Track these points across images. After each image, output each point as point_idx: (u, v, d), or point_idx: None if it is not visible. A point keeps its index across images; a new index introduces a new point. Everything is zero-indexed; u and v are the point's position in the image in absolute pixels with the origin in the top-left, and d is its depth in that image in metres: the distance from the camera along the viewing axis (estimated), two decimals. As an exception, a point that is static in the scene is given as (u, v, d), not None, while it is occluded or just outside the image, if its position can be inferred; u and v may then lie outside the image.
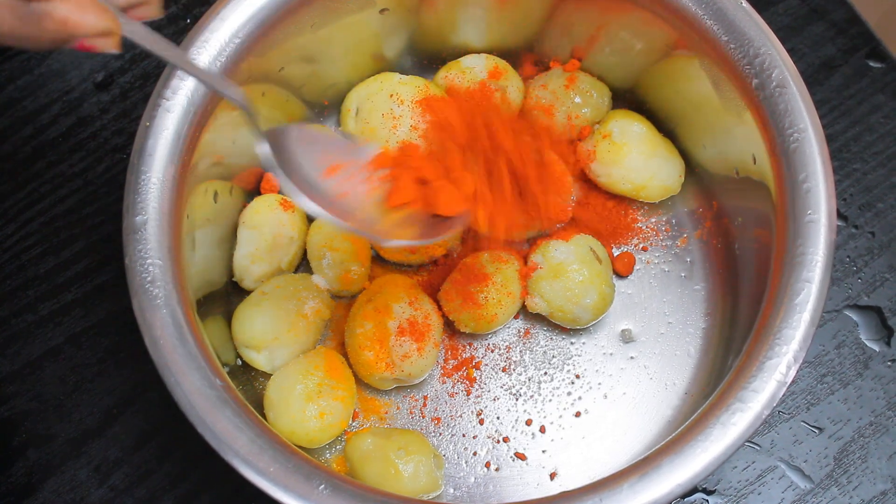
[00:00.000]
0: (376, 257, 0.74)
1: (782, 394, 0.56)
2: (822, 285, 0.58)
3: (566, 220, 0.73)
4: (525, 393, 0.71)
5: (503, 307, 0.70)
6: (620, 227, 0.76)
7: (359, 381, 0.70)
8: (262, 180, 0.76)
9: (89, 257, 0.77)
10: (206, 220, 0.67)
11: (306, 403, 0.66)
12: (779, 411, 0.73)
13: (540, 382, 0.72)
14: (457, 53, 0.78)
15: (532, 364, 0.72)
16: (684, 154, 0.76)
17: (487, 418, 0.71)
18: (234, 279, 0.72)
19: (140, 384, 0.73)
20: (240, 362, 0.71)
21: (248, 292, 0.72)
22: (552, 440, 0.70)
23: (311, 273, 0.73)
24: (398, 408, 0.71)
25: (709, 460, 0.55)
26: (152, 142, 0.61)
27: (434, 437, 0.70)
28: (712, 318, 0.73)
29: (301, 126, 0.62)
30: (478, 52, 0.78)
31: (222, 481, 0.70)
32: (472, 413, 0.71)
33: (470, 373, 0.72)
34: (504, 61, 0.77)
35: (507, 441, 0.70)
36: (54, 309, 0.75)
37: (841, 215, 0.78)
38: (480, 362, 0.72)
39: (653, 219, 0.76)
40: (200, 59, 0.63)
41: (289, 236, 0.72)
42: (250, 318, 0.69)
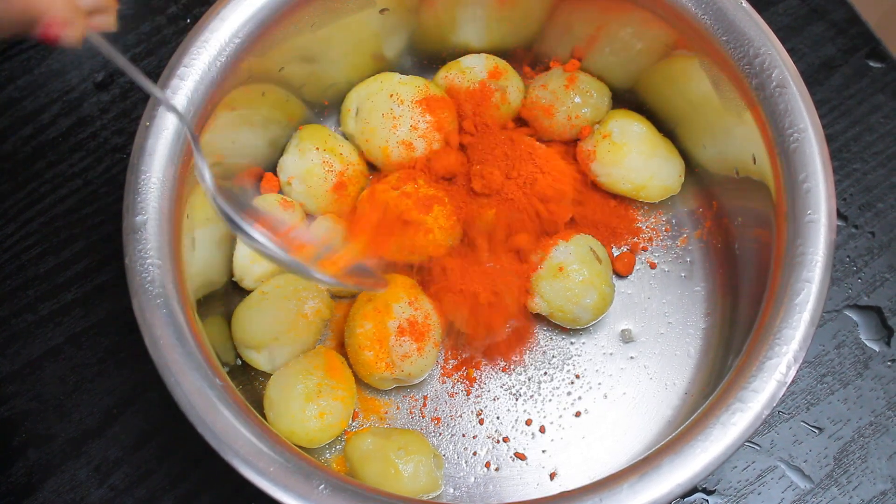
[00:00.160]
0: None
1: (782, 394, 0.56)
2: (821, 285, 0.58)
3: (566, 220, 0.73)
4: (525, 393, 0.71)
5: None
6: (620, 227, 0.76)
7: (359, 380, 0.70)
8: (262, 180, 0.76)
9: (89, 257, 0.77)
10: (206, 219, 0.67)
11: (306, 403, 0.66)
12: (779, 411, 0.73)
13: (540, 382, 0.72)
14: (457, 53, 0.78)
15: (532, 364, 0.72)
16: (684, 154, 0.76)
17: (487, 418, 0.71)
18: (234, 279, 0.72)
19: (140, 384, 0.73)
20: (240, 362, 0.71)
21: (248, 292, 0.72)
22: (552, 440, 0.70)
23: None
24: (398, 408, 0.71)
25: (709, 460, 0.55)
26: (152, 141, 0.61)
27: (434, 437, 0.70)
28: (712, 318, 0.73)
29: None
30: (478, 51, 0.78)
31: (222, 481, 0.70)
32: (472, 413, 0.71)
33: (470, 373, 0.72)
34: (504, 61, 0.77)
35: (507, 441, 0.70)
36: (54, 309, 0.75)
37: (841, 215, 0.78)
38: (480, 362, 0.72)
39: (653, 219, 0.76)
40: (201, 59, 0.63)
41: (289, 236, 0.72)
42: (250, 318, 0.69)
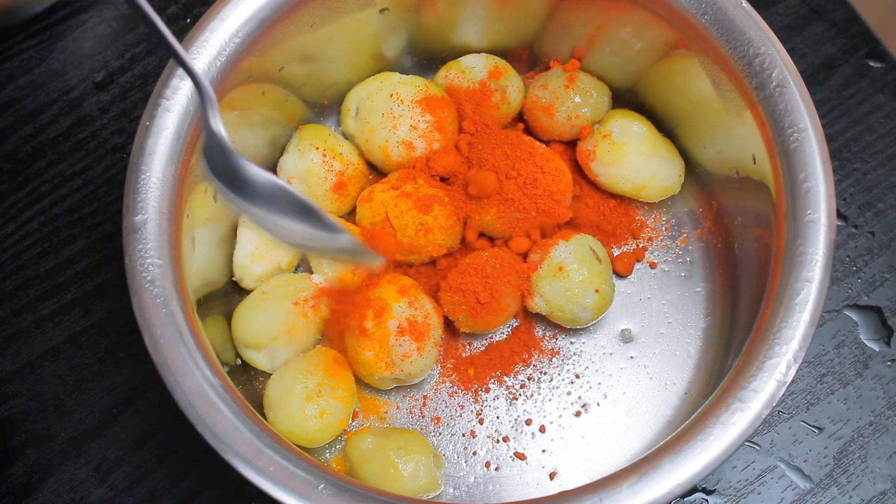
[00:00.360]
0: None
1: (782, 393, 0.56)
2: (821, 285, 0.58)
3: (566, 220, 0.73)
4: (525, 392, 0.71)
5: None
6: (620, 226, 0.76)
7: (358, 380, 0.70)
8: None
9: (89, 257, 0.77)
10: (206, 219, 0.67)
11: (306, 403, 0.66)
12: (778, 411, 0.73)
13: (540, 382, 0.72)
14: (457, 53, 0.78)
15: (532, 364, 0.72)
16: (684, 154, 0.76)
17: (487, 418, 0.71)
18: (234, 279, 0.72)
19: (140, 384, 0.73)
20: (240, 362, 0.71)
21: (248, 292, 0.72)
22: (552, 440, 0.70)
23: (311, 272, 0.73)
24: (398, 407, 0.71)
25: (708, 460, 0.55)
26: (152, 141, 0.61)
27: (434, 436, 0.70)
28: (712, 317, 0.73)
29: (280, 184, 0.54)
30: (478, 51, 0.78)
31: (222, 481, 0.70)
32: (472, 413, 0.71)
33: (469, 372, 0.72)
34: (504, 61, 0.77)
35: (507, 441, 0.70)
36: (54, 308, 0.75)
37: (841, 215, 0.79)
38: (480, 362, 0.72)
39: (652, 219, 0.76)
40: (200, 58, 0.63)
41: (289, 236, 0.72)
42: (250, 318, 0.69)
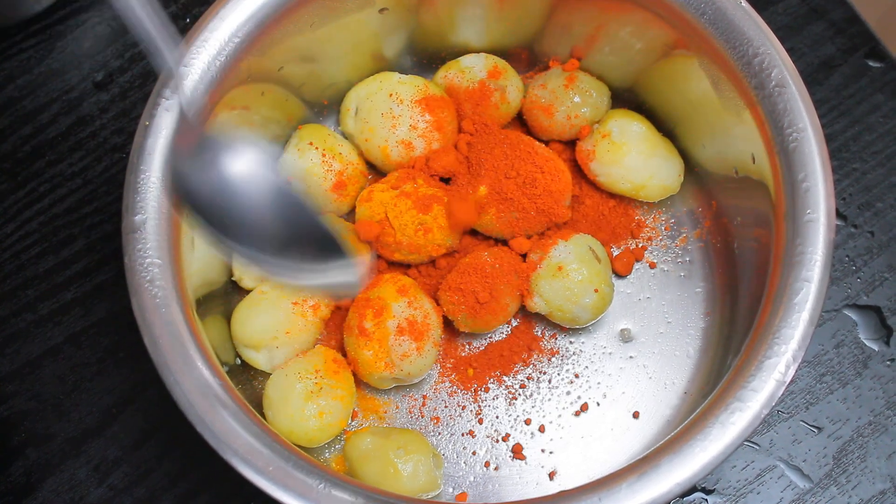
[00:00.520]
0: (375, 256, 0.74)
1: (781, 393, 0.56)
2: (821, 284, 0.58)
3: (565, 220, 0.73)
4: (524, 392, 0.71)
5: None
6: (620, 226, 0.76)
7: (358, 380, 0.70)
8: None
9: (89, 256, 0.77)
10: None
11: (305, 403, 0.66)
12: (778, 411, 0.73)
13: (539, 382, 0.72)
14: (456, 53, 0.78)
15: (531, 363, 0.72)
16: (683, 153, 0.76)
17: (486, 417, 0.71)
18: (233, 278, 0.72)
19: (139, 383, 0.73)
20: (239, 362, 0.71)
21: (247, 292, 0.72)
22: (551, 439, 0.70)
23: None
24: (397, 407, 0.71)
25: (708, 460, 0.55)
26: (152, 141, 0.61)
27: (433, 436, 0.70)
28: (711, 317, 0.73)
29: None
30: (477, 51, 0.78)
31: (221, 480, 0.70)
32: (472, 412, 0.71)
33: (469, 372, 0.72)
34: (503, 61, 0.77)
35: (507, 440, 0.70)
36: (54, 308, 0.75)
37: (840, 215, 0.79)
38: (479, 361, 0.72)
39: (652, 218, 0.76)
40: (200, 58, 0.63)
41: (288, 235, 0.72)
42: (249, 318, 0.69)
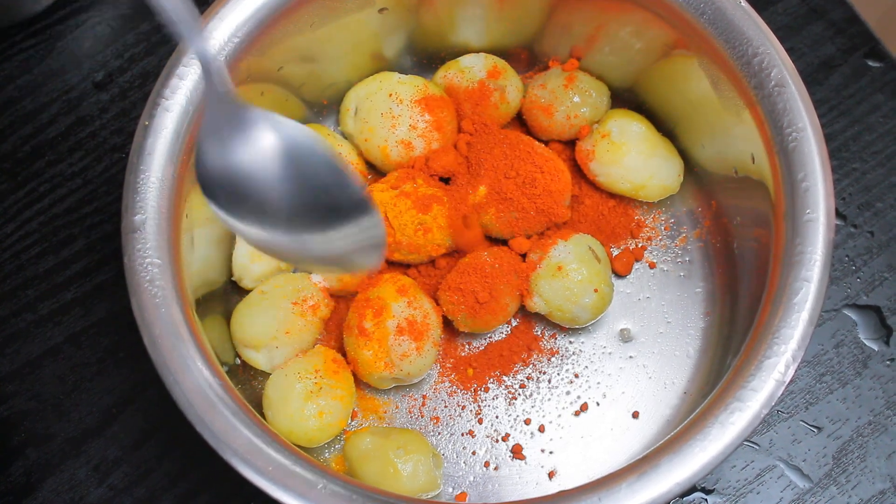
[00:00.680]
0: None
1: (781, 393, 0.56)
2: (820, 284, 0.58)
3: (565, 220, 0.73)
4: (524, 392, 0.71)
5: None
6: (619, 226, 0.76)
7: (358, 380, 0.70)
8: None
9: (88, 256, 0.77)
10: (205, 219, 0.67)
11: (305, 403, 0.66)
12: (777, 410, 0.73)
13: (539, 381, 0.72)
14: (456, 53, 0.78)
15: (531, 363, 0.72)
16: (683, 153, 0.76)
17: (486, 417, 0.71)
18: (233, 278, 0.72)
19: (139, 383, 0.73)
20: (239, 361, 0.71)
21: (247, 291, 0.72)
22: (551, 439, 0.70)
23: (311, 273, 0.73)
24: (397, 407, 0.71)
25: (707, 459, 0.55)
26: (151, 141, 0.61)
27: (433, 436, 0.70)
28: (711, 317, 0.73)
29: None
30: (477, 51, 0.78)
31: (221, 480, 0.70)
32: (471, 412, 0.71)
33: (469, 372, 0.72)
34: (503, 61, 0.77)
35: (506, 440, 0.70)
36: (54, 308, 0.75)
37: (840, 214, 0.79)
38: (479, 361, 0.72)
39: (651, 218, 0.76)
40: (199, 58, 0.63)
41: (288, 235, 0.72)
42: (249, 318, 0.69)
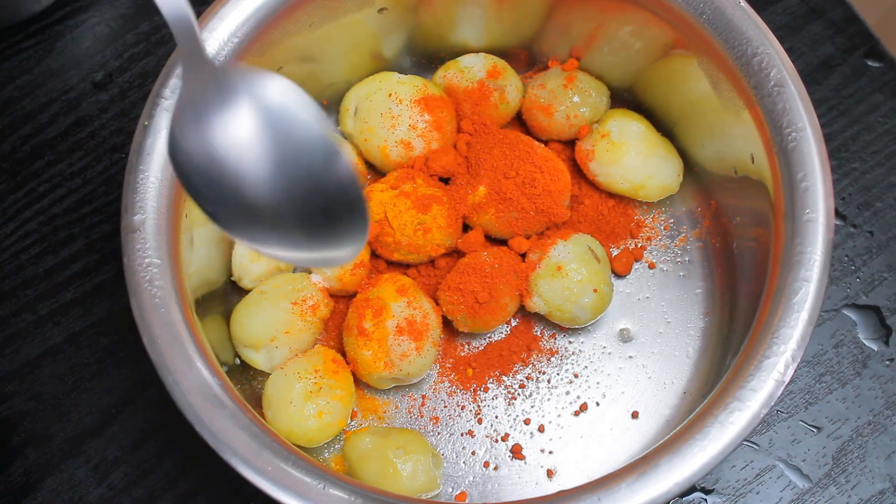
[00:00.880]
0: (374, 256, 0.74)
1: (780, 393, 0.56)
2: (820, 284, 0.58)
3: (564, 220, 0.73)
4: (523, 392, 0.71)
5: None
6: (619, 226, 0.76)
7: (357, 380, 0.70)
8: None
9: (88, 256, 0.77)
10: (204, 219, 0.66)
11: (305, 403, 0.66)
12: (777, 410, 0.73)
13: (538, 381, 0.72)
14: (455, 53, 0.78)
15: (530, 363, 0.72)
16: (683, 153, 0.76)
17: (486, 417, 0.71)
18: (232, 278, 0.72)
19: (139, 383, 0.73)
20: (238, 361, 0.71)
21: (246, 291, 0.72)
22: (550, 439, 0.70)
23: (310, 272, 0.73)
24: (397, 407, 0.71)
25: (707, 459, 0.55)
26: (151, 141, 0.61)
27: (432, 436, 0.70)
28: (711, 317, 0.73)
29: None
30: (476, 51, 0.78)
31: (221, 480, 0.70)
32: (471, 412, 0.71)
33: (468, 372, 0.72)
34: (503, 61, 0.77)
35: (506, 440, 0.70)
36: (53, 308, 0.75)
37: (839, 214, 0.79)
38: (479, 361, 0.72)
39: (651, 218, 0.76)
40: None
41: (287, 235, 0.72)
42: (249, 318, 0.69)
